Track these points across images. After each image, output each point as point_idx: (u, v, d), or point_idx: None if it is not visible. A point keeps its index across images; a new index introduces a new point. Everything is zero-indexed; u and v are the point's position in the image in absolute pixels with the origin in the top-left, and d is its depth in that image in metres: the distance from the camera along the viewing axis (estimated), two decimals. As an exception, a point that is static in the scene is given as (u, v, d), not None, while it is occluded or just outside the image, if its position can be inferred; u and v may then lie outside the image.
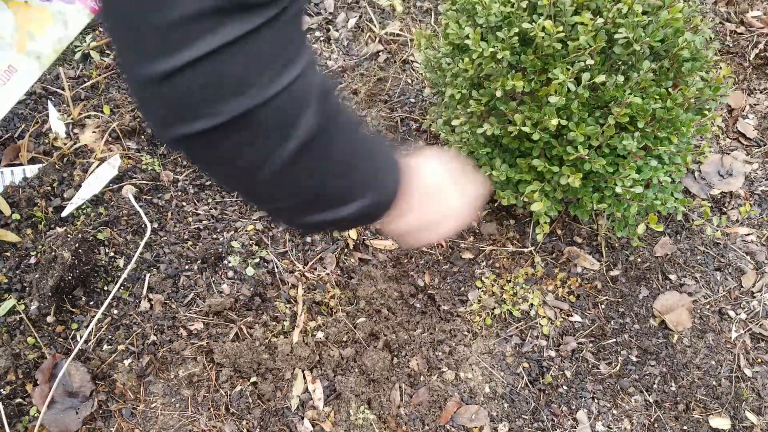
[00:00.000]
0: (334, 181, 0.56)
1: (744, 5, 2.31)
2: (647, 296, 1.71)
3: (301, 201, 0.55)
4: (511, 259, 1.72)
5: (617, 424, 1.51)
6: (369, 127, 0.55)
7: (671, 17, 1.29)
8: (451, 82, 1.52)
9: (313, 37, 2.07)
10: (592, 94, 1.37)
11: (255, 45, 0.44)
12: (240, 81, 0.44)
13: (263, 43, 0.44)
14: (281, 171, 0.50)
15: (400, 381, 1.49)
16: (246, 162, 0.49)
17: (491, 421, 1.48)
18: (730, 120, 2.09)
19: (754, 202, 1.91)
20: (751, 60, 2.20)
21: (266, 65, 0.45)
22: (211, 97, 0.44)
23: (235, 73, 0.44)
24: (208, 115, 0.44)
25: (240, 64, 0.44)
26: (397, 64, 2.04)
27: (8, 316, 1.42)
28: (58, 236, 1.46)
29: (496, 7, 1.37)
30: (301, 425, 1.41)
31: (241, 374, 1.45)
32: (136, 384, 1.41)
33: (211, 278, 1.56)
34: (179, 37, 0.41)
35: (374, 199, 0.60)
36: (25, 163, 1.65)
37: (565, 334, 1.62)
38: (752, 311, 1.71)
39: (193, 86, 0.43)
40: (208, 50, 0.42)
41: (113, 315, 1.48)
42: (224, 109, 0.44)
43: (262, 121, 0.46)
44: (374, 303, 1.59)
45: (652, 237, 1.80)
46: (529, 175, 1.47)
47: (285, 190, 0.53)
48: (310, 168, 0.52)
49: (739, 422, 1.53)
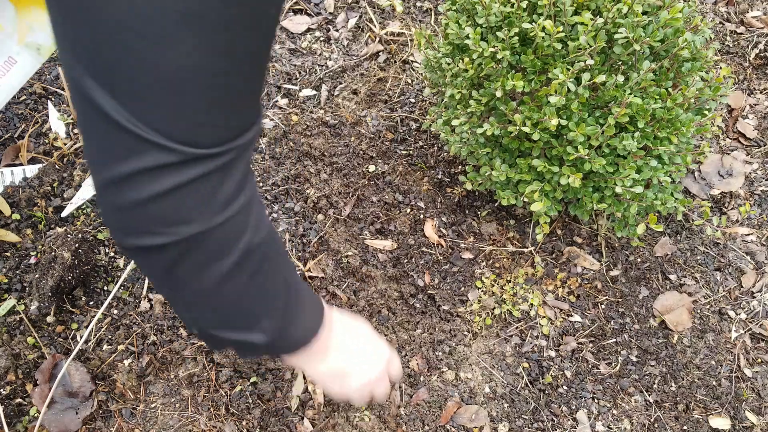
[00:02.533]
0: (251, 305, 0.62)
1: (744, 5, 2.31)
2: (647, 296, 1.71)
3: (218, 316, 0.62)
4: (511, 259, 1.72)
5: (617, 424, 1.51)
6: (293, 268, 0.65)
7: (671, 17, 1.29)
8: (451, 82, 1.52)
9: (313, 37, 2.07)
10: (592, 94, 1.37)
11: (205, 186, 0.52)
12: (189, 213, 0.52)
13: (213, 184, 0.52)
14: (210, 287, 0.58)
15: (400, 381, 1.49)
16: (181, 275, 0.57)
17: (491, 421, 1.48)
18: (730, 120, 2.09)
19: (754, 202, 1.91)
20: (751, 60, 2.20)
21: (213, 202, 0.53)
22: (163, 223, 0.52)
23: (186, 207, 0.52)
24: (158, 234, 0.53)
25: (192, 201, 0.52)
26: (397, 64, 2.04)
27: (8, 316, 1.42)
28: (58, 236, 1.46)
29: (496, 7, 1.37)
30: (301, 425, 1.41)
31: (241, 374, 1.45)
32: (136, 384, 1.41)
33: (211, 278, 1.56)
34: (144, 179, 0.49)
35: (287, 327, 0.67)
36: (25, 163, 1.65)
37: (565, 334, 1.62)
38: (752, 311, 1.71)
39: (151, 214, 0.52)
40: (166, 189, 0.50)
41: (113, 315, 1.48)
42: (172, 232, 0.53)
43: (202, 245, 0.55)
44: (374, 303, 1.59)
45: (652, 237, 1.81)
46: (529, 175, 1.47)
47: (208, 304, 0.61)
48: (235, 288, 0.59)
49: (739, 422, 1.53)
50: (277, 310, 0.65)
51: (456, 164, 1.87)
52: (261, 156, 1.78)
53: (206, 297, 0.59)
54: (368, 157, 1.85)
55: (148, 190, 0.50)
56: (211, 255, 0.56)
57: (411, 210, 1.77)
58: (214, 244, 0.55)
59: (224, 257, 0.57)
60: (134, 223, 0.53)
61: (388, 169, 1.83)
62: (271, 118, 1.85)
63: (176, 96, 0.46)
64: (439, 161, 1.87)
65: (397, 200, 1.78)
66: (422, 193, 1.81)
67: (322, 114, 1.90)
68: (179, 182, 0.50)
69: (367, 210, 1.75)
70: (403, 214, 1.76)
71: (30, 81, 1.80)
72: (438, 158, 1.88)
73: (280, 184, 1.73)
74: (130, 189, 0.50)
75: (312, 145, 1.82)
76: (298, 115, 1.89)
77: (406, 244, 1.71)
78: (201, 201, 0.52)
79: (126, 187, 0.50)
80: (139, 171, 0.49)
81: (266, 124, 1.84)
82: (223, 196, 0.54)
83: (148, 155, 0.48)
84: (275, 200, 1.71)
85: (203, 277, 0.57)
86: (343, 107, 1.93)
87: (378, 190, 1.79)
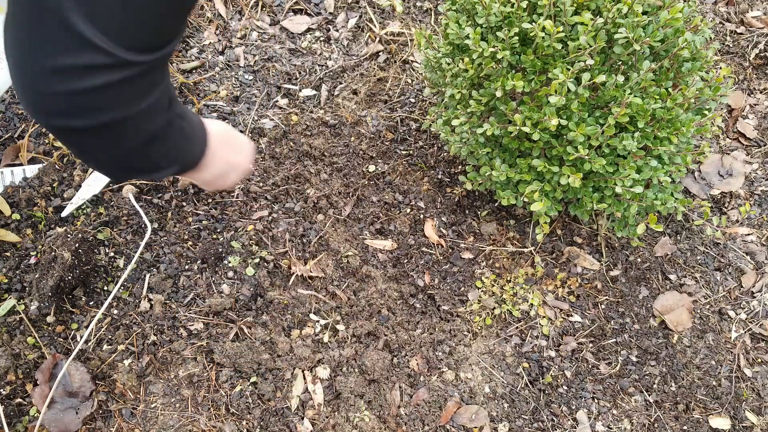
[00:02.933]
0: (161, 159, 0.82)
1: (744, 5, 2.31)
2: (647, 296, 1.71)
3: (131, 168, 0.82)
4: (511, 259, 1.72)
5: (617, 424, 1.51)
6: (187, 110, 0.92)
7: (671, 17, 1.29)
8: (451, 82, 1.52)
9: (313, 37, 2.07)
10: (592, 94, 1.37)
11: (129, 85, 0.67)
12: (112, 105, 0.67)
13: (135, 84, 0.68)
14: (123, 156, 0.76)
15: (400, 381, 1.49)
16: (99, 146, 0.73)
17: (491, 421, 1.48)
18: (730, 120, 2.09)
19: (754, 202, 1.91)
20: (751, 60, 2.20)
21: (134, 96, 0.69)
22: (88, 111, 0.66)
23: (111, 101, 0.66)
24: (82, 118, 0.67)
25: (116, 96, 0.66)
26: (397, 64, 2.04)
27: (8, 316, 1.42)
28: (58, 236, 1.46)
29: (496, 7, 1.37)
30: (301, 425, 1.41)
31: (241, 374, 1.45)
32: (136, 384, 1.41)
33: (211, 278, 1.56)
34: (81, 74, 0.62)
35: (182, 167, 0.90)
36: (25, 163, 1.65)
37: (565, 334, 1.62)
38: (752, 311, 1.71)
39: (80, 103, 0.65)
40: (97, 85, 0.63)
41: (113, 315, 1.48)
42: (95, 117, 0.67)
43: (123, 126, 0.71)
44: (374, 303, 1.59)
45: (652, 237, 1.81)
46: (529, 175, 1.47)
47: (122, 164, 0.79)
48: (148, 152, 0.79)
49: (739, 422, 1.53)
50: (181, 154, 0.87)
51: (456, 164, 1.87)
52: (261, 156, 1.78)
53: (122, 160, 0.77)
54: (368, 157, 1.85)
55: (83, 84, 0.62)
56: (126, 134, 0.72)
57: (411, 210, 1.77)
58: (130, 127, 0.71)
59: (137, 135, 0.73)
60: (63, 108, 0.65)
61: (388, 169, 1.83)
62: (271, 118, 1.85)
63: (124, 7, 0.59)
64: (439, 161, 1.87)
65: (397, 200, 1.78)
66: (422, 193, 1.81)
67: (322, 114, 1.90)
68: (109, 81, 0.63)
69: (367, 210, 1.75)
70: (403, 214, 1.76)
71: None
72: (438, 158, 1.88)
73: (280, 184, 1.73)
74: (67, 81, 0.62)
75: (312, 145, 1.82)
76: (298, 115, 1.89)
77: (406, 244, 1.71)
78: (123, 97, 0.67)
79: (63, 78, 0.61)
80: (77, 66, 0.61)
81: (266, 124, 1.84)
82: (141, 93, 0.69)
83: (87, 54, 0.60)
84: (275, 200, 1.71)
85: (119, 148, 0.74)
86: (343, 107, 1.93)
87: (378, 190, 1.79)
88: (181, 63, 1.91)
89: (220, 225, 1.63)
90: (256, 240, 1.62)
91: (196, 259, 1.57)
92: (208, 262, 1.57)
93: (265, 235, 1.64)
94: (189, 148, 0.90)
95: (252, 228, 1.64)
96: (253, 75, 1.94)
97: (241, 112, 1.85)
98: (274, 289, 1.57)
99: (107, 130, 0.69)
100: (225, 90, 1.88)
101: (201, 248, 1.58)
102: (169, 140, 0.81)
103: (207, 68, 1.93)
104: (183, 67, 1.90)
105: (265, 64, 1.97)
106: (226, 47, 1.98)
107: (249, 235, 1.63)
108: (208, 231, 1.62)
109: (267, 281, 1.57)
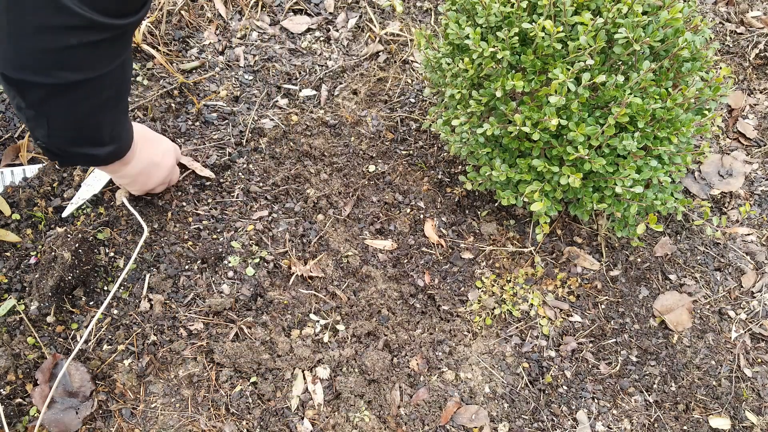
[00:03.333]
0: (107, 129, 0.89)
1: (744, 5, 2.31)
2: (647, 296, 1.71)
3: (81, 136, 0.87)
4: (511, 259, 1.72)
5: (617, 424, 1.51)
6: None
7: (671, 17, 1.29)
8: (451, 82, 1.52)
9: (313, 37, 2.07)
10: (592, 94, 1.37)
11: (103, 46, 0.74)
12: (82, 65, 0.74)
13: (107, 47, 0.75)
14: (83, 116, 0.81)
15: (400, 381, 1.49)
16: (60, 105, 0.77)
17: (491, 421, 1.48)
18: (730, 120, 2.09)
19: (754, 202, 1.91)
20: (751, 60, 2.20)
21: (104, 58, 0.76)
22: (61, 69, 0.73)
23: (82, 60, 0.73)
24: (60, 75, 0.73)
25: (91, 54, 0.73)
26: (397, 64, 2.04)
27: (8, 316, 1.42)
28: (58, 236, 1.46)
29: (496, 7, 1.37)
30: (301, 425, 1.41)
31: (241, 374, 1.45)
32: (136, 384, 1.41)
33: (211, 278, 1.56)
34: (59, 33, 0.69)
35: (120, 147, 0.97)
36: (25, 163, 1.65)
37: (565, 334, 1.62)
38: (752, 311, 1.71)
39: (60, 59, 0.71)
40: (74, 44, 0.70)
41: (113, 315, 1.48)
42: (64, 76, 0.74)
43: (89, 86, 0.77)
44: (374, 303, 1.59)
45: (652, 237, 1.81)
46: (529, 175, 1.47)
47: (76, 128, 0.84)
48: (103, 117, 0.85)
49: (739, 422, 1.53)
50: (121, 132, 0.93)
51: (456, 164, 1.87)
52: (261, 156, 1.78)
53: (77, 122, 0.82)
54: (368, 157, 1.85)
55: (59, 42, 0.69)
56: (89, 94, 0.78)
57: (411, 210, 1.77)
58: (94, 87, 0.78)
59: (97, 97, 0.80)
60: (38, 64, 0.71)
61: (388, 169, 1.83)
62: (271, 118, 1.86)
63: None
64: (439, 161, 1.87)
65: (397, 200, 1.78)
66: (422, 193, 1.81)
67: (322, 114, 1.90)
68: (83, 41, 0.70)
69: (367, 210, 1.75)
70: (403, 214, 1.76)
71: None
72: (438, 158, 1.88)
73: (280, 184, 1.73)
74: (45, 39, 0.69)
75: (312, 145, 1.82)
76: (298, 115, 1.89)
77: (406, 244, 1.71)
78: (95, 57, 0.74)
79: (42, 36, 0.69)
80: (55, 27, 0.68)
81: (266, 124, 1.84)
82: (111, 56, 0.77)
83: (64, 16, 0.67)
84: (275, 200, 1.71)
85: (77, 111, 0.79)
86: (343, 107, 1.93)
87: (378, 190, 1.79)
88: (181, 63, 1.91)
89: (220, 225, 1.64)
90: (256, 240, 1.62)
91: (196, 259, 1.57)
92: (208, 262, 1.57)
93: (265, 235, 1.64)
94: (127, 128, 0.97)
95: (252, 228, 1.64)
96: (253, 75, 1.94)
97: (241, 112, 1.85)
98: (274, 289, 1.57)
99: (73, 89, 0.76)
100: (225, 90, 1.88)
101: (201, 248, 1.58)
102: (117, 110, 0.88)
103: (207, 68, 1.93)
104: (183, 67, 1.90)
105: (265, 64, 1.97)
106: (226, 47, 1.98)
107: (249, 235, 1.63)
108: (208, 231, 1.62)
109: (267, 281, 1.57)
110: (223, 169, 1.73)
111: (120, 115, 0.92)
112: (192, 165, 1.70)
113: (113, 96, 0.84)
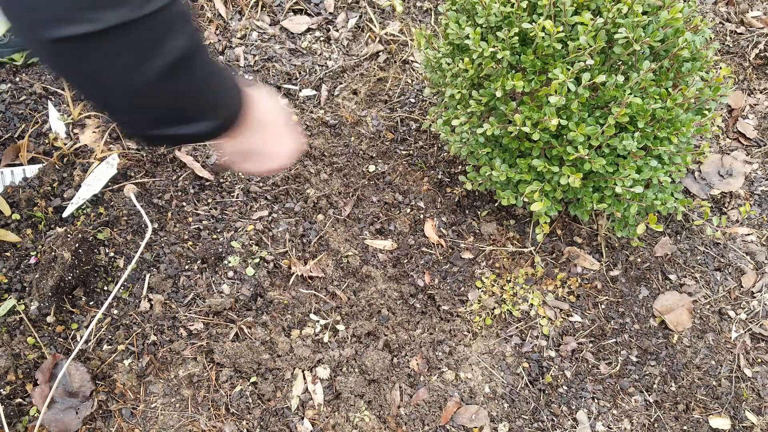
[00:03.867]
0: (192, 101, 0.64)
1: (744, 5, 2.31)
2: (647, 296, 1.71)
3: (159, 115, 0.63)
4: (511, 259, 1.72)
5: (617, 424, 1.51)
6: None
7: (671, 17, 1.29)
8: (451, 82, 1.52)
9: (313, 37, 2.07)
10: (592, 94, 1.37)
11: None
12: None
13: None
14: (148, 85, 0.58)
15: (400, 381, 1.49)
16: (115, 73, 0.55)
17: (491, 421, 1.48)
18: (730, 120, 2.09)
19: (754, 202, 1.91)
20: (751, 60, 2.20)
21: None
22: (92, 4, 0.50)
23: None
24: (87, 20, 0.50)
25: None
26: (397, 64, 2.04)
27: (8, 316, 1.42)
28: (58, 236, 1.46)
29: (496, 7, 1.37)
30: (301, 425, 1.41)
31: (241, 374, 1.45)
32: (136, 384, 1.41)
33: (211, 278, 1.56)
34: None
35: (220, 120, 0.70)
36: (25, 163, 1.65)
37: (565, 334, 1.62)
38: (752, 311, 1.71)
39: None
40: None
41: (113, 315, 1.48)
42: (102, 17, 0.51)
43: (134, 35, 0.53)
44: (374, 303, 1.59)
45: (652, 237, 1.81)
46: (529, 175, 1.47)
47: (147, 103, 0.61)
48: (174, 85, 0.60)
49: (739, 422, 1.53)
50: (217, 101, 0.68)
51: (456, 164, 1.87)
52: (261, 156, 1.78)
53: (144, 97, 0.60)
54: (368, 157, 1.85)
55: None
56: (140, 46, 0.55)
57: (411, 210, 1.77)
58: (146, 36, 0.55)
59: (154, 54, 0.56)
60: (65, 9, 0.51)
61: (388, 169, 1.83)
62: (271, 118, 1.85)
63: None
64: (439, 161, 1.87)
65: (397, 200, 1.78)
66: (422, 193, 1.81)
67: (322, 114, 1.90)
68: None
69: (367, 210, 1.75)
70: (403, 214, 1.76)
71: (30, 81, 1.80)
72: (438, 158, 1.88)
73: (280, 184, 1.73)
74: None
75: (312, 145, 1.82)
76: (298, 115, 1.89)
77: (406, 244, 1.71)
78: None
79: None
80: None
81: (266, 124, 1.84)
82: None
83: None
84: (275, 200, 1.71)
85: (136, 71, 0.56)
86: (343, 107, 1.93)
87: (378, 190, 1.79)
88: (181, 63, 1.91)
89: (220, 225, 1.63)
90: (256, 240, 1.62)
91: (196, 259, 1.57)
92: (208, 262, 1.57)
93: (265, 235, 1.64)
94: (227, 94, 0.71)
95: (252, 228, 1.64)
96: (253, 75, 1.94)
97: (241, 112, 1.85)
98: (274, 289, 1.57)
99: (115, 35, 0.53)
100: (225, 90, 1.88)
101: (201, 248, 1.58)
102: (198, 73, 0.63)
103: (207, 68, 1.93)
104: (183, 67, 1.90)
105: (265, 64, 1.97)
106: (226, 47, 1.98)
107: (249, 235, 1.63)
108: (208, 231, 1.62)
109: (267, 281, 1.57)
110: (223, 169, 1.73)
111: (209, 79, 0.66)
112: (192, 165, 1.70)
113: (180, 52, 0.59)
